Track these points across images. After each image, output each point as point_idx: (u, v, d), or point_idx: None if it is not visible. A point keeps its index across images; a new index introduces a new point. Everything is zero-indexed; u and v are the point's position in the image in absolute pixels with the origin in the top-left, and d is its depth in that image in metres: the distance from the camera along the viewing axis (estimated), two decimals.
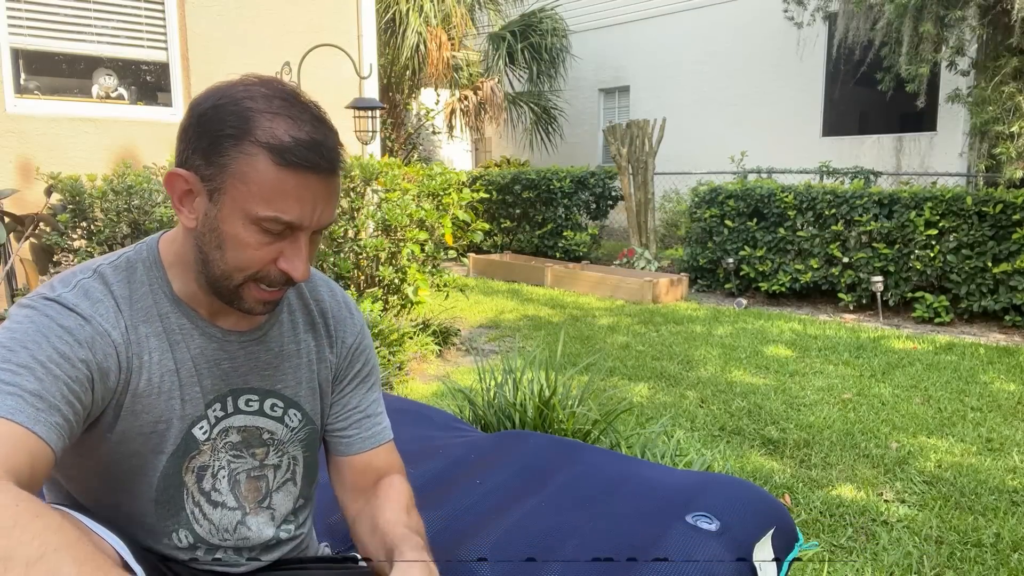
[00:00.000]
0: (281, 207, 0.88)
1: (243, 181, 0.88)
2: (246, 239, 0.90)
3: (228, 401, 1.04)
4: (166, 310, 0.99)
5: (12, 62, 4.38)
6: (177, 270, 0.99)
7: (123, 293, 0.96)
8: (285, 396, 1.09)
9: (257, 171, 0.87)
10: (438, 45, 9.60)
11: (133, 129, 4.76)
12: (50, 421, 0.80)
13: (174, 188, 0.93)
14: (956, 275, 5.75)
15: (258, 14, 5.17)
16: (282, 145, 0.87)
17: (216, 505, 1.06)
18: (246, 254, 0.91)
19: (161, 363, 0.97)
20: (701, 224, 7.30)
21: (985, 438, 3.35)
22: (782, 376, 4.33)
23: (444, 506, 1.48)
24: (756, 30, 10.52)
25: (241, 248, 0.91)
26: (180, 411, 0.99)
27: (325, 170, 0.90)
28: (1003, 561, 2.29)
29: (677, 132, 10.27)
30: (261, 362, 1.06)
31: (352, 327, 1.18)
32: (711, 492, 1.46)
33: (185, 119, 0.94)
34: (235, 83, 0.93)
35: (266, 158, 0.87)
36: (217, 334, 1.02)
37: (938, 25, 6.20)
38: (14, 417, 0.77)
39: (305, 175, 0.88)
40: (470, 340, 5.19)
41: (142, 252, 1.01)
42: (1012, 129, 5.70)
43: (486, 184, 9.47)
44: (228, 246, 0.91)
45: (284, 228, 0.90)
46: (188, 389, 1.00)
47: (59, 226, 3.49)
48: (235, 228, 0.90)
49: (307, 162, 0.88)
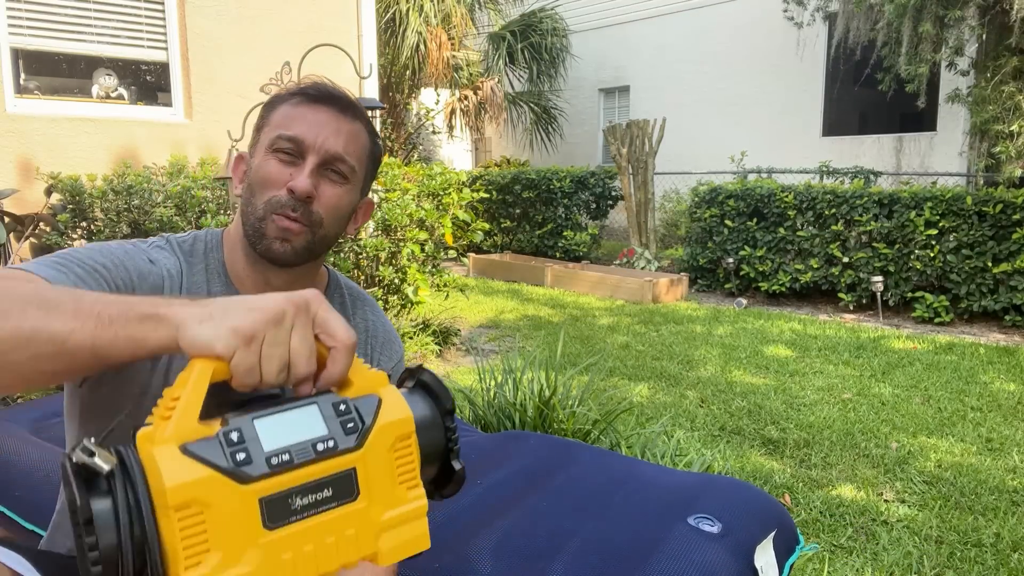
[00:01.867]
0: (289, 126, 1.02)
1: (269, 124, 1.04)
2: (266, 166, 1.02)
3: None
4: (216, 289, 1.07)
5: (12, 62, 4.38)
6: (232, 253, 1.09)
7: (185, 261, 1.06)
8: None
9: (280, 112, 1.04)
10: (438, 45, 9.60)
11: (133, 129, 4.76)
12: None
13: (237, 170, 1.09)
14: (956, 275, 5.75)
15: (258, 14, 5.16)
16: (301, 89, 1.05)
17: None
18: (268, 181, 1.02)
19: None
20: (701, 224, 7.30)
21: (985, 438, 3.35)
22: (782, 376, 4.33)
23: (444, 506, 1.48)
24: (756, 30, 10.51)
25: (264, 177, 1.02)
26: None
27: (333, 106, 1.04)
28: (1003, 561, 2.29)
29: (677, 132, 10.26)
30: None
31: (393, 354, 1.22)
32: (712, 494, 1.46)
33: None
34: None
35: (288, 101, 1.04)
36: None
37: (938, 25, 6.20)
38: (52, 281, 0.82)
39: (316, 106, 1.03)
40: (470, 340, 5.19)
41: (208, 235, 1.11)
42: (1012, 128, 5.70)
43: (486, 184, 9.47)
44: (256, 180, 1.03)
45: (294, 150, 1.01)
46: None
47: (59, 226, 3.49)
48: (260, 161, 1.03)
49: (317, 94, 1.04)
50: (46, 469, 1.57)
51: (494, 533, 1.36)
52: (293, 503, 0.57)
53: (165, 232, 3.65)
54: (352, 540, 0.60)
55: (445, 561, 1.30)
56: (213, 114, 4.98)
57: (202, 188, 3.85)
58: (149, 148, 4.78)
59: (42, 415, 1.92)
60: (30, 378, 0.64)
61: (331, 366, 0.63)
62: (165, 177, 4.22)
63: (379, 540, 0.62)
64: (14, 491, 1.50)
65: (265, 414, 0.59)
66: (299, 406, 0.61)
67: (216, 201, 3.87)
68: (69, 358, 0.63)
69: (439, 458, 0.70)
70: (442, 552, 1.33)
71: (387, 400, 0.65)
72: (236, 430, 0.57)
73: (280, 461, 0.57)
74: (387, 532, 0.62)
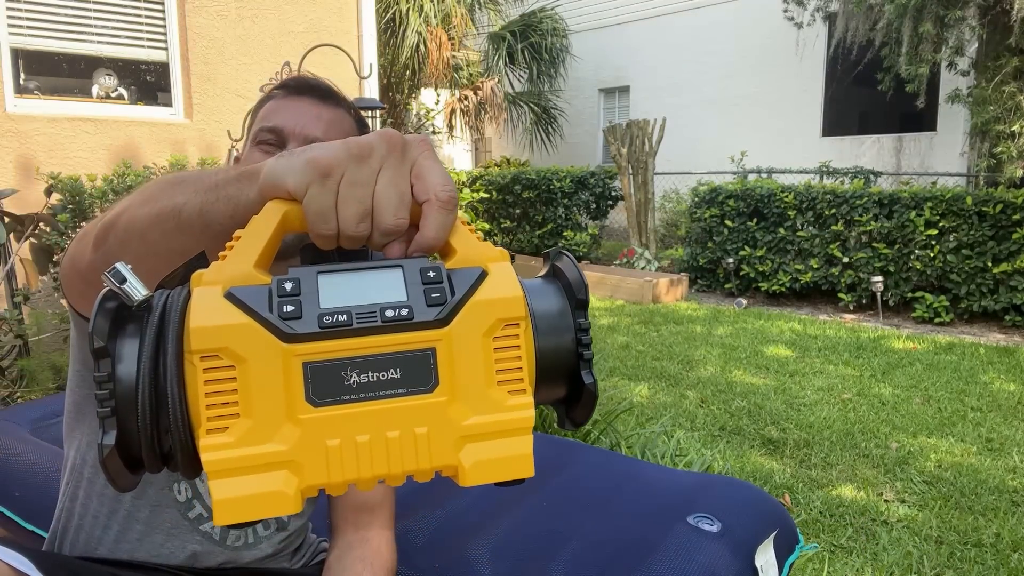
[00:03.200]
0: (269, 118, 1.04)
1: (255, 118, 1.07)
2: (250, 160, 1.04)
3: None
4: None
5: (12, 62, 4.38)
6: None
7: None
8: None
9: (265, 108, 1.07)
10: (438, 45, 9.59)
11: (133, 129, 4.75)
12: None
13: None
14: (956, 275, 5.75)
15: (258, 14, 5.16)
16: (283, 83, 1.09)
17: None
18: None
19: None
20: (701, 224, 7.30)
21: (985, 438, 3.34)
22: (782, 376, 4.32)
23: (444, 506, 1.48)
24: (756, 30, 10.51)
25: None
26: None
27: (312, 95, 1.06)
28: (1003, 561, 2.29)
29: (677, 132, 10.26)
30: None
31: None
32: (712, 493, 1.46)
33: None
34: None
35: (272, 96, 1.08)
36: None
37: (938, 25, 6.20)
38: None
39: (294, 97, 1.06)
40: None
41: None
42: (1012, 128, 5.70)
43: (486, 184, 9.47)
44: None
45: (275, 140, 1.03)
46: None
47: (59, 226, 3.49)
48: (246, 155, 1.06)
49: (297, 85, 1.07)
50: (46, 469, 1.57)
51: (494, 533, 1.36)
52: (348, 378, 0.45)
53: None
54: (424, 442, 0.46)
55: (445, 561, 1.30)
56: (213, 114, 4.98)
57: None
58: (149, 148, 4.78)
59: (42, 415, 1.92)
60: (167, 256, 0.63)
61: (424, 225, 0.51)
62: None
63: (460, 451, 0.47)
64: (14, 491, 1.50)
65: (334, 269, 0.48)
66: (379, 267, 0.49)
67: None
68: (187, 229, 0.62)
69: (565, 369, 0.53)
70: (442, 552, 1.33)
71: (495, 275, 0.50)
72: (293, 280, 0.46)
73: (335, 322, 0.45)
74: (473, 443, 0.48)
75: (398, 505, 1.45)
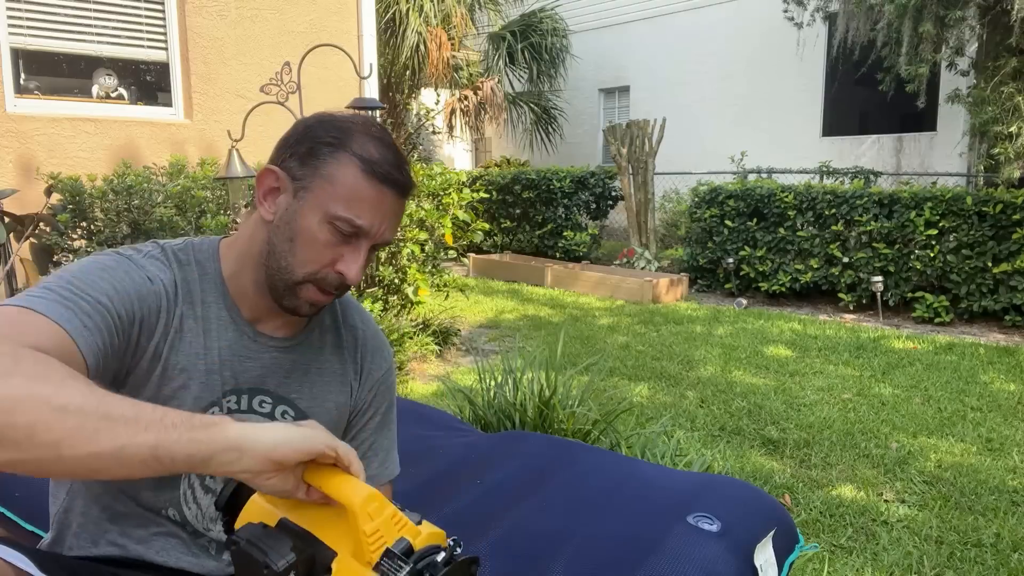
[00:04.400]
0: (357, 211, 0.97)
1: (330, 182, 0.98)
2: (318, 235, 0.98)
3: (244, 398, 1.07)
4: (210, 299, 1.05)
5: (12, 62, 4.38)
6: (232, 267, 1.06)
7: (180, 271, 1.03)
8: (299, 408, 1.12)
9: (345, 175, 0.98)
10: (438, 45, 9.59)
11: (133, 129, 4.75)
12: (92, 341, 0.85)
13: (263, 183, 1.03)
14: (956, 275, 5.75)
15: (258, 14, 5.16)
16: (372, 159, 0.98)
17: (208, 491, 1.08)
18: (313, 250, 0.99)
19: (193, 344, 1.02)
20: (701, 224, 7.30)
21: (985, 438, 3.35)
22: (782, 376, 4.32)
23: (444, 506, 1.48)
24: (756, 30, 10.51)
25: (310, 244, 0.99)
26: (197, 392, 1.02)
27: (401, 189, 1.01)
28: (1003, 561, 2.29)
29: (677, 132, 10.26)
30: (282, 369, 1.10)
31: (383, 362, 1.22)
32: (712, 493, 1.46)
33: (289, 131, 1.04)
34: (339, 111, 1.07)
35: (356, 167, 0.98)
36: (249, 332, 1.07)
37: (938, 25, 6.20)
38: (64, 324, 0.83)
39: (384, 189, 0.99)
40: (470, 340, 5.19)
41: (203, 244, 1.08)
42: (1011, 129, 5.70)
43: (486, 184, 9.46)
44: (299, 240, 0.99)
45: (352, 232, 0.98)
46: (210, 375, 1.03)
47: (59, 226, 3.49)
48: (311, 223, 0.98)
49: (390, 176, 0.99)
50: None
51: (494, 533, 1.36)
52: None
53: (165, 232, 3.65)
54: None
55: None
56: (213, 114, 4.98)
57: (202, 188, 3.85)
58: (149, 148, 4.78)
59: None
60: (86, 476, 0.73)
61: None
62: (165, 177, 4.22)
63: None
64: (14, 492, 1.50)
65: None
66: None
67: (216, 201, 3.87)
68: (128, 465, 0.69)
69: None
70: None
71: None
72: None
73: None
74: None
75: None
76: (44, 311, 0.83)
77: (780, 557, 1.37)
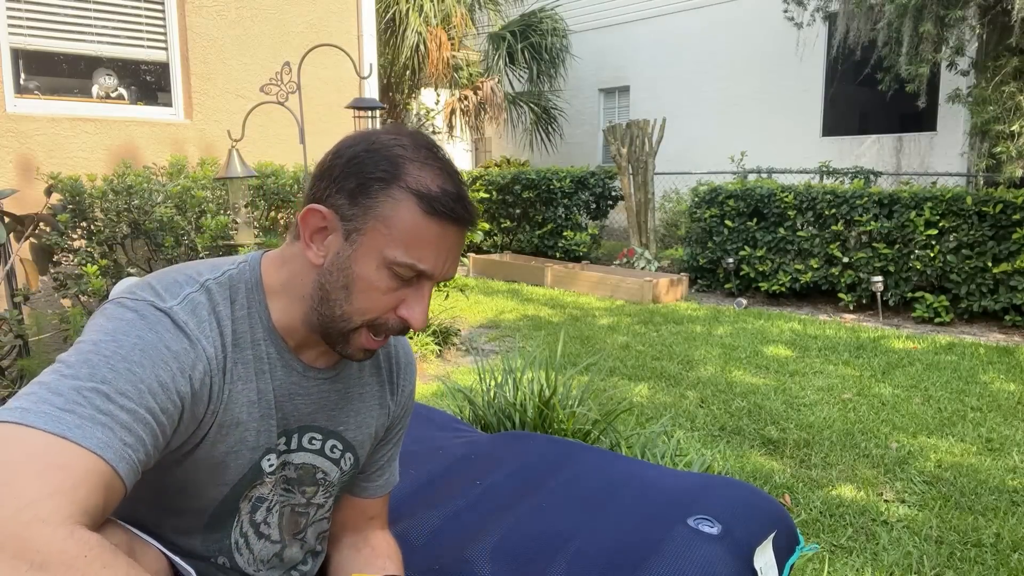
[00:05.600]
0: (419, 255, 0.89)
1: (386, 224, 0.88)
2: (376, 282, 0.90)
3: (294, 437, 1.03)
4: (259, 337, 0.96)
5: (12, 62, 4.38)
6: (279, 299, 0.97)
7: (225, 313, 0.93)
8: (345, 439, 1.09)
9: (401, 216, 0.88)
10: (438, 45, 9.59)
11: (133, 129, 4.75)
12: (133, 459, 0.77)
13: (308, 223, 0.92)
14: (956, 275, 5.75)
15: (258, 14, 5.16)
16: (431, 194, 0.88)
17: (261, 537, 1.05)
18: (371, 297, 0.91)
19: (245, 392, 0.94)
20: (701, 224, 7.30)
21: (985, 438, 3.35)
22: (782, 376, 4.32)
23: (444, 506, 1.48)
24: (756, 30, 10.51)
25: (368, 291, 0.91)
26: (254, 442, 0.97)
27: (465, 223, 0.92)
28: (1003, 561, 2.29)
29: (677, 132, 10.27)
30: (330, 402, 1.05)
31: (412, 376, 1.19)
32: (712, 495, 1.46)
33: (330, 159, 0.93)
34: (384, 131, 0.94)
35: (413, 204, 0.88)
36: (298, 368, 1.00)
37: (938, 25, 6.19)
38: (103, 453, 0.74)
39: (446, 226, 0.90)
40: (470, 340, 5.19)
41: (244, 273, 0.97)
42: (1012, 128, 5.70)
43: (486, 184, 9.47)
44: (356, 288, 0.90)
45: (414, 276, 0.91)
46: (264, 421, 0.97)
47: (59, 226, 3.49)
48: (367, 270, 0.90)
49: (453, 213, 0.89)
50: None
51: (494, 534, 1.36)
52: None
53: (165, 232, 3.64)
54: None
55: (444, 562, 1.30)
56: (213, 114, 4.98)
57: (202, 188, 3.85)
58: (149, 148, 4.78)
59: None
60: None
61: None
62: (165, 177, 4.22)
63: None
64: None
65: None
66: None
67: (216, 201, 3.87)
68: None
69: None
70: (442, 553, 1.33)
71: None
72: None
73: None
74: None
75: (398, 505, 1.45)
76: (79, 440, 0.72)
77: (780, 559, 1.37)
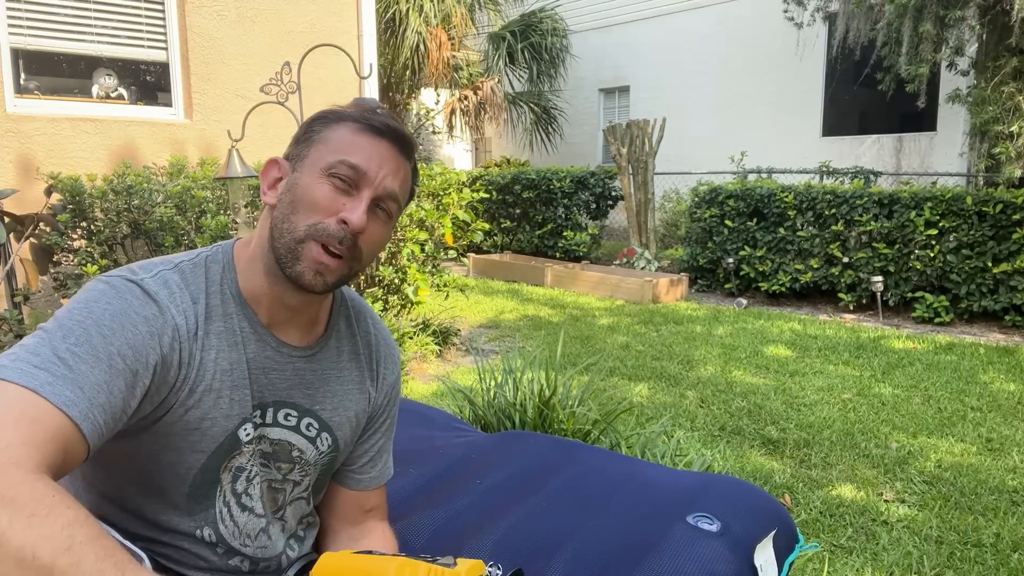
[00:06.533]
0: (350, 152, 0.98)
1: (324, 143, 0.99)
2: (318, 190, 0.97)
3: (269, 411, 1.06)
4: (231, 310, 1.02)
5: (12, 62, 4.38)
6: (247, 271, 1.03)
7: (199, 288, 1.00)
8: (321, 419, 1.11)
9: (338, 134, 0.99)
10: (438, 45, 9.60)
11: (133, 129, 4.76)
12: (98, 420, 0.81)
13: (267, 175, 1.04)
14: (956, 275, 5.75)
15: (258, 14, 5.16)
16: (364, 116, 1.00)
17: (245, 509, 1.07)
18: (314, 203, 0.97)
19: (217, 362, 0.99)
20: (701, 224, 7.30)
21: (985, 438, 3.35)
22: (782, 376, 4.33)
23: (444, 506, 1.48)
24: (756, 30, 10.51)
25: (310, 199, 0.98)
26: (227, 410, 1.00)
27: (398, 140, 1.01)
28: (1003, 561, 2.29)
29: (677, 132, 10.26)
30: (305, 380, 1.09)
31: (394, 366, 1.21)
32: (712, 493, 1.46)
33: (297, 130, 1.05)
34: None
35: (349, 125, 1.00)
36: (271, 342, 1.04)
37: (938, 25, 6.20)
38: (70, 411, 0.78)
39: (378, 138, 1.00)
40: (470, 340, 5.19)
41: (217, 253, 1.05)
42: (1012, 129, 5.70)
43: (486, 184, 9.47)
44: (300, 201, 0.98)
45: (351, 177, 0.97)
46: (238, 391, 1.01)
47: (59, 226, 3.49)
48: (309, 180, 0.98)
49: (382, 127, 1.00)
50: None
51: (494, 533, 1.36)
52: None
53: (165, 232, 3.64)
54: None
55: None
56: (213, 114, 4.98)
57: (202, 188, 3.86)
58: (149, 148, 4.78)
59: None
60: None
61: None
62: (165, 177, 4.22)
63: None
64: None
65: None
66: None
67: (216, 201, 3.87)
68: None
69: None
70: (442, 553, 1.33)
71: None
72: None
73: None
74: None
75: (398, 505, 1.45)
76: (50, 397, 0.77)
77: (780, 557, 1.37)
